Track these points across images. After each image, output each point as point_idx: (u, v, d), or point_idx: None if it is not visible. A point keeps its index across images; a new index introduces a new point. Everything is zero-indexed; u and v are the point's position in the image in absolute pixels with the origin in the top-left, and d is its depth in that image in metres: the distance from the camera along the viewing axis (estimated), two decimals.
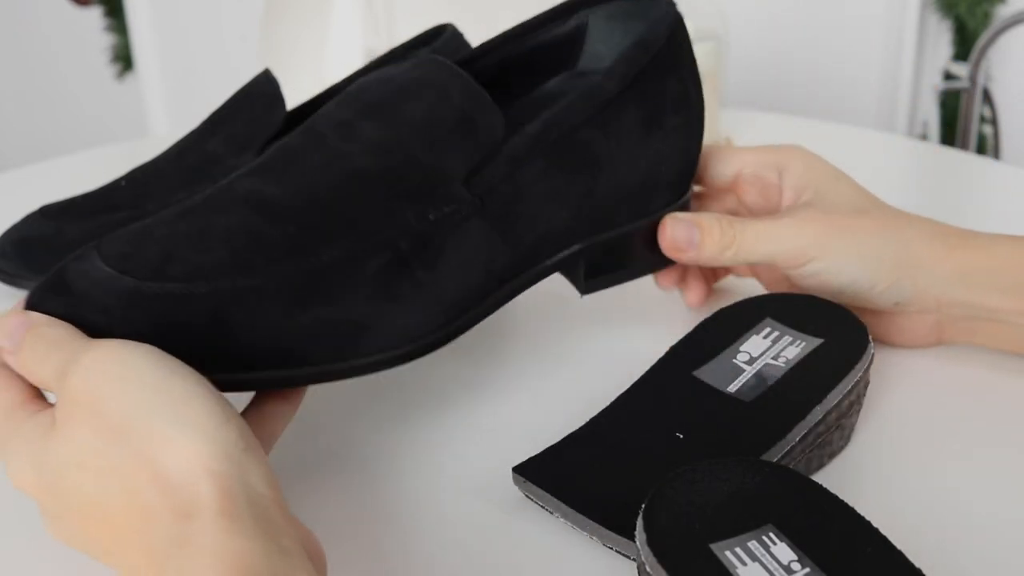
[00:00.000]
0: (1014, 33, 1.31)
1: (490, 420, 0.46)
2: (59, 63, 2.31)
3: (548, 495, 0.38)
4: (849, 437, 0.43)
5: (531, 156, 0.40)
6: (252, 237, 0.36)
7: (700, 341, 0.44)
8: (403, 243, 0.37)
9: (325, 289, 0.36)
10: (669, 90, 0.44)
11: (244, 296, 0.35)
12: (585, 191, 0.42)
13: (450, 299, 0.39)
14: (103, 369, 0.32)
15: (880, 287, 0.45)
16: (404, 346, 0.38)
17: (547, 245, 0.42)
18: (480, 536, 0.39)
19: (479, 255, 0.39)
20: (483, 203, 0.39)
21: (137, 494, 0.30)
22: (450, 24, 0.64)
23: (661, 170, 0.45)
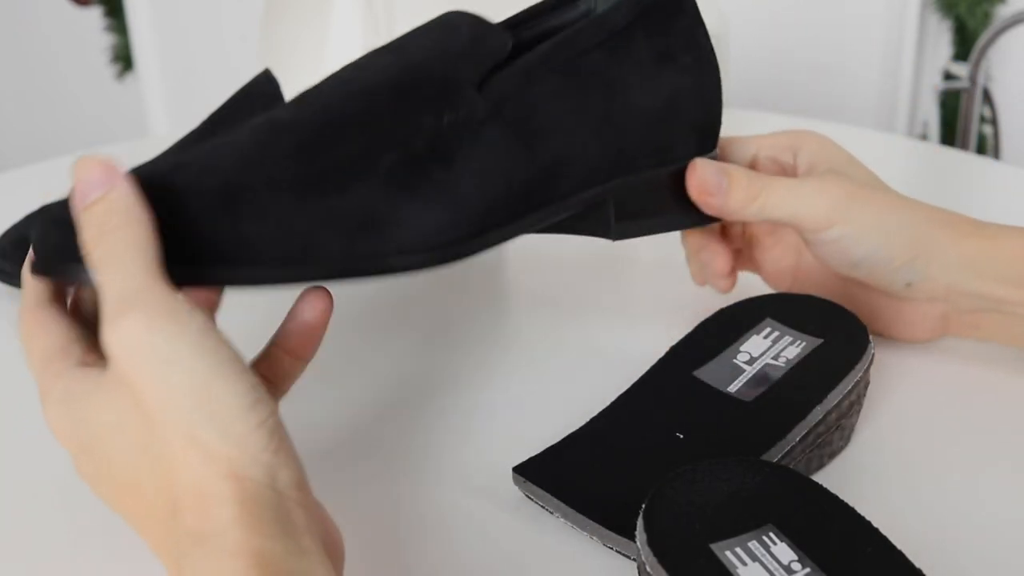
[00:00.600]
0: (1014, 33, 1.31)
1: (491, 420, 0.46)
2: (59, 63, 2.31)
3: (548, 495, 0.38)
4: (849, 437, 0.43)
5: (543, 72, 0.41)
6: (263, 144, 0.36)
7: (700, 341, 0.44)
8: (418, 142, 0.38)
9: (337, 180, 0.36)
10: (678, 30, 0.45)
11: (255, 185, 0.35)
12: (602, 113, 0.43)
13: (471, 203, 0.39)
14: (151, 344, 0.30)
15: (896, 263, 0.45)
16: (424, 248, 0.38)
17: (571, 169, 0.42)
18: (480, 536, 0.39)
19: (498, 161, 0.39)
20: (499, 112, 0.40)
21: (165, 484, 0.30)
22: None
23: (680, 108, 0.45)
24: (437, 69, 0.39)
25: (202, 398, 0.30)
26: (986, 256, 0.45)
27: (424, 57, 0.40)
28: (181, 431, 0.30)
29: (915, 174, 0.82)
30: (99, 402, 0.31)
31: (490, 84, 0.40)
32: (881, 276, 0.46)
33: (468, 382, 0.49)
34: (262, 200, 0.35)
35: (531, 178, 0.41)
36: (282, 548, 0.29)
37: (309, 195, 0.36)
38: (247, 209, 0.35)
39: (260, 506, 0.29)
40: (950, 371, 0.48)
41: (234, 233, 0.34)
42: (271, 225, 0.35)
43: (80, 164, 0.34)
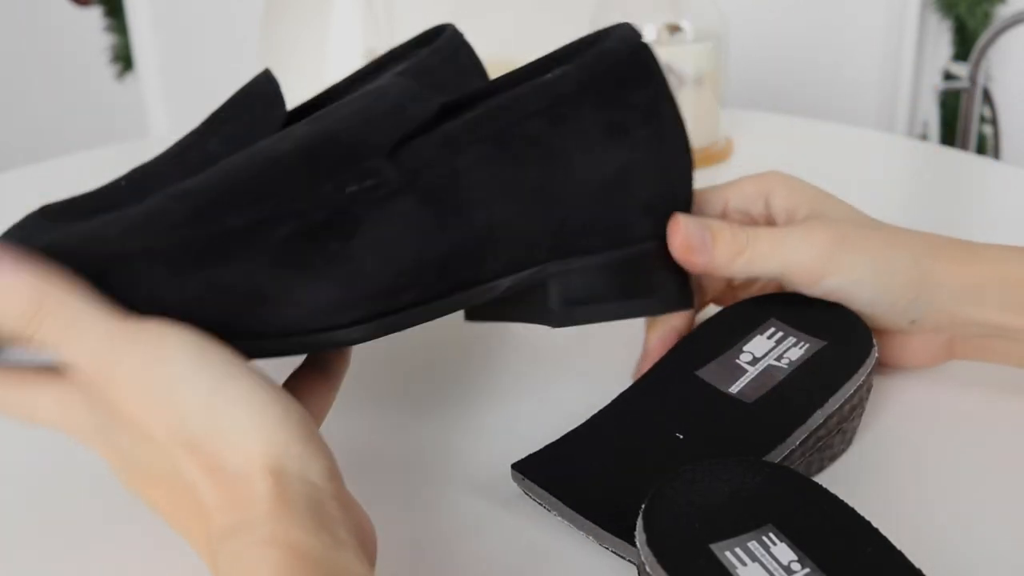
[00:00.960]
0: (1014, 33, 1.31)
1: (491, 418, 0.46)
2: (59, 63, 2.31)
3: (546, 493, 0.38)
4: (851, 440, 0.42)
5: (470, 140, 0.38)
6: (155, 211, 0.35)
7: (703, 340, 0.44)
8: (317, 214, 0.36)
9: (223, 250, 0.34)
10: (634, 103, 0.42)
11: (132, 255, 0.34)
12: (536, 185, 0.39)
13: (373, 278, 0.36)
14: (150, 382, 0.31)
15: (899, 305, 0.43)
16: (319, 323, 0.36)
17: (499, 247, 0.39)
18: (479, 533, 0.39)
19: (406, 236, 0.37)
20: (413, 181, 0.37)
21: (193, 491, 0.30)
22: (450, 24, 0.64)
23: (633, 185, 0.42)
24: (345, 136, 0.37)
25: (221, 405, 0.30)
26: (987, 284, 0.43)
27: (337, 125, 0.38)
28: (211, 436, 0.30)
29: (915, 174, 0.82)
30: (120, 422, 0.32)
31: (406, 151, 0.37)
32: (884, 319, 0.44)
33: (470, 380, 0.49)
34: (135, 271, 0.34)
35: (447, 254, 0.38)
36: (317, 541, 0.29)
37: (186, 267, 0.34)
38: (117, 280, 0.33)
39: (294, 499, 0.30)
40: (954, 375, 0.47)
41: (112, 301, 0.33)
42: (141, 298, 0.33)
43: None
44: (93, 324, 0.31)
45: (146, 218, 0.35)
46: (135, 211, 0.35)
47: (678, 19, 0.80)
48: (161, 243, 0.34)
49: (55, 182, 0.81)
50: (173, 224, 0.34)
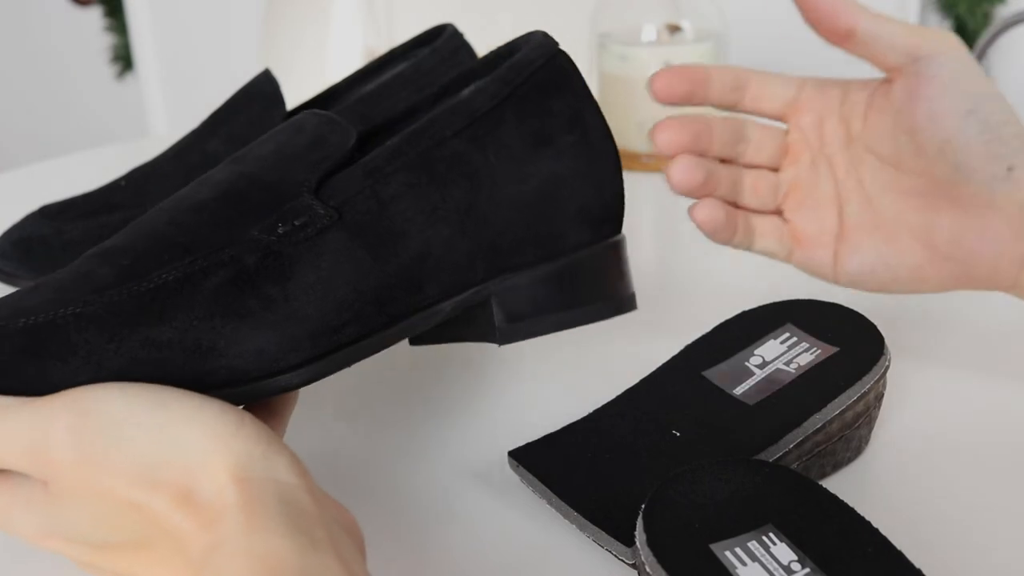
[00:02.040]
0: (1014, 33, 1.31)
1: (494, 410, 0.46)
2: (59, 63, 2.31)
3: (538, 482, 0.38)
4: (859, 449, 0.42)
5: (393, 168, 0.38)
6: (82, 276, 0.35)
7: (716, 342, 0.44)
8: (248, 259, 0.35)
9: (155, 309, 0.34)
10: (555, 110, 0.41)
11: (62, 323, 0.33)
12: (465, 206, 0.39)
13: (312, 320, 0.36)
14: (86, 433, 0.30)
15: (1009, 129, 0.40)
16: (266, 368, 0.35)
17: (435, 271, 0.39)
18: (473, 518, 0.39)
19: (341, 272, 0.36)
20: (340, 216, 0.37)
21: (166, 525, 0.30)
22: (450, 24, 0.64)
23: (560, 194, 0.41)
24: (268, 176, 0.37)
25: (164, 439, 0.30)
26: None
27: (259, 165, 0.37)
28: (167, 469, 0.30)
29: None
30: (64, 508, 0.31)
31: (330, 186, 0.37)
32: (988, 144, 0.40)
33: (470, 372, 0.49)
34: (68, 338, 0.33)
35: (384, 285, 0.37)
36: (293, 544, 0.28)
37: (121, 328, 0.33)
38: (52, 349, 0.33)
39: (266, 503, 0.29)
40: (969, 387, 0.47)
41: (41, 377, 0.33)
42: (78, 365, 0.33)
43: None
44: (12, 418, 0.31)
45: (72, 282, 0.34)
46: (58, 276, 0.35)
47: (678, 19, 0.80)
48: (89, 309, 0.34)
49: (55, 182, 0.81)
50: (97, 287, 0.34)
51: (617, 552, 0.36)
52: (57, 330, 0.33)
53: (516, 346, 0.52)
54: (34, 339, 0.33)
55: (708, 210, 0.45)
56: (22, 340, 0.33)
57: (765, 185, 0.46)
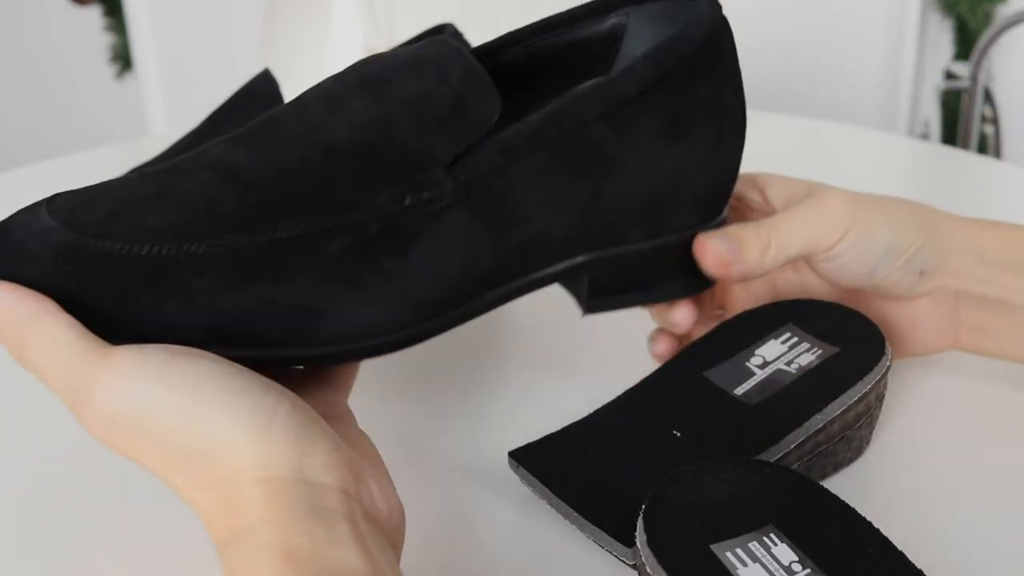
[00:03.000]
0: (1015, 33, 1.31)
1: (494, 410, 0.46)
2: (59, 63, 2.31)
3: (538, 483, 0.38)
4: (860, 449, 0.42)
5: (529, 149, 0.37)
6: (207, 202, 0.34)
7: (717, 342, 0.44)
8: (372, 227, 0.34)
9: (276, 265, 0.34)
10: (701, 96, 0.40)
11: (185, 262, 0.33)
12: (590, 195, 0.38)
13: (420, 295, 0.36)
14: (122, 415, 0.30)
15: (910, 251, 0.44)
16: (364, 340, 0.35)
17: (542, 251, 0.38)
18: (473, 517, 0.39)
19: (459, 251, 0.36)
20: (468, 193, 0.36)
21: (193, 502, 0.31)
22: (450, 24, 0.64)
23: (685, 184, 0.40)
24: (406, 137, 0.35)
25: (194, 430, 0.30)
26: (986, 240, 0.44)
27: (397, 117, 0.36)
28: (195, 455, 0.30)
29: (916, 174, 0.82)
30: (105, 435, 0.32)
31: (464, 161, 0.36)
32: (897, 272, 0.44)
33: (473, 369, 0.49)
34: (189, 281, 0.33)
35: (495, 263, 0.37)
36: (310, 541, 0.29)
37: (241, 281, 0.33)
38: (171, 289, 0.33)
39: (289, 501, 0.29)
40: (971, 389, 0.47)
41: (157, 312, 0.33)
42: (194, 308, 0.33)
43: None
44: (68, 355, 0.31)
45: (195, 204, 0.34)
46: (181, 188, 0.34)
47: None
48: (212, 252, 0.33)
49: (55, 182, 0.81)
50: (220, 220, 0.33)
51: (617, 552, 0.36)
52: (179, 270, 0.33)
53: (516, 346, 0.52)
54: (155, 275, 0.33)
55: (666, 346, 0.48)
56: (143, 273, 0.33)
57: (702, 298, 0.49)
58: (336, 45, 0.95)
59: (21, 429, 0.47)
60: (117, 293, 0.32)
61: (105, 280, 0.32)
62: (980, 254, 0.44)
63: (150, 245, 0.33)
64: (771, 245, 0.43)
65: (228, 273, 0.33)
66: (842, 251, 0.44)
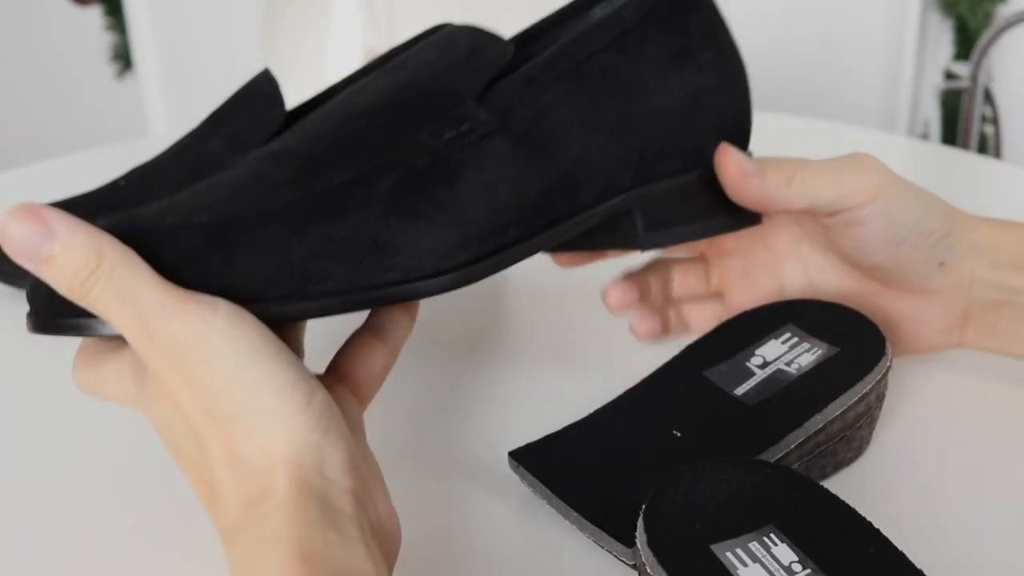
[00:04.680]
0: (1015, 32, 1.31)
1: (494, 410, 0.46)
2: (59, 62, 2.31)
3: (539, 483, 0.38)
4: (860, 449, 0.42)
5: (550, 78, 0.40)
6: (255, 177, 0.36)
7: (717, 342, 0.44)
8: (419, 162, 0.37)
9: (334, 207, 0.35)
10: (693, 26, 0.43)
11: (244, 219, 0.34)
12: (616, 116, 0.41)
13: (480, 221, 0.37)
14: (183, 350, 0.31)
15: (936, 236, 0.43)
16: (435, 271, 0.36)
17: (588, 178, 0.40)
18: (473, 518, 0.39)
19: (506, 174, 0.38)
20: (503, 122, 0.38)
21: (215, 475, 0.31)
22: (450, 23, 0.64)
23: (702, 107, 0.43)
24: (432, 84, 0.38)
25: (241, 388, 0.31)
26: (1001, 239, 0.44)
27: (419, 74, 0.39)
28: (230, 420, 0.31)
29: (916, 174, 0.82)
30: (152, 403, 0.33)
31: (492, 94, 0.39)
32: (921, 255, 0.44)
33: (473, 368, 0.49)
34: (253, 233, 0.34)
35: (545, 189, 0.39)
36: (322, 538, 0.29)
37: (303, 224, 0.35)
38: (239, 243, 0.34)
39: (306, 494, 0.30)
40: (972, 389, 0.47)
41: (228, 270, 0.34)
42: (264, 258, 0.34)
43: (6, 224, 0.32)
44: (144, 293, 0.31)
45: (246, 180, 0.35)
46: (229, 176, 0.36)
47: None
48: (272, 204, 0.35)
49: (55, 182, 0.80)
50: (277, 184, 0.35)
51: (617, 553, 0.36)
52: (241, 225, 0.34)
53: (516, 346, 0.52)
54: (219, 234, 0.34)
55: (647, 327, 0.49)
56: (206, 234, 0.34)
57: (693, 276, 0.50)
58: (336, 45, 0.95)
59: (22, 430, 0.47)
60: (183, 257, 0.33)
61: (168, 249, 0.33)
62: (996, 254, 0.44)
63: (207, 215, 0.34)
64: (795, 178, 0.43)
65: (290, 220, 0.35)
66: (870, 215, 0.43)
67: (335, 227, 0.35)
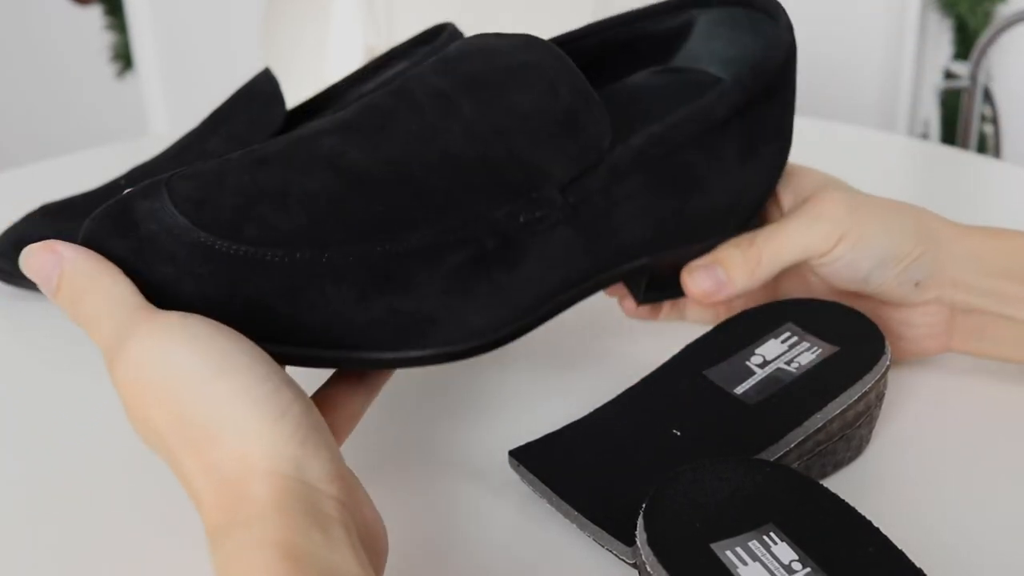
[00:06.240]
0: (1015, 32, 1.31)
1: (494, 410, 0.46)
2: (59, 62, 2.31)
3: (539, 482, 0.39)
4: (860, 448, 0.42)
5: (632, 170, 0.39)
6: (334, 206, 0.35)
7: (717, 341, 0.44)
8: (488, 241, 0.36)
9: (403, 277, 0.35)
10: (770, 117, 0.43)
11: (320, 272, 0.34)
12: (673, 211, 0.41)
13: (520, 303, 0.38)
14: (148, 367, 0.31)
15: (906, 261, 0.44)
16: (468, 342, 0.37)
17: (621, 257, 0.41)
18: (474, 517, 0.39)
19: (560, 264, 0.38)
20: (575, 212, 0.37)
21: (192, 484, 0.31)
22: (450, 23, 0.64)
23: (746, 197, 0.44)
24: (527, 152, 0.37)
25: (212, 401, 0.30)
26: (988, 249, 0.44)
27: (515, 124, 0.37)
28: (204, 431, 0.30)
29: (915, 173, 0.82)
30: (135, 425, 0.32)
31: (576, 185, 0.37)
32: (891, 281, 0.45)
33: (474, 371, 0.49)
34: (324, 290, 0.34)
35: (587, 272, 0.40)
36: (308, 541, 0.29)
37: (370, 291, 0.34)
38: (309, 298, 0.34)
39: (290, 500, 0.29)
40: (971, 388, 0.47)
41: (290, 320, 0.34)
42: (330, 315, 0.34)
43: (24, 261, 0.34)
44: (117, 309, 0.32)
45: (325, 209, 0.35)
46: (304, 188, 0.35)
47: None
48: (345, 259, 0.34)
49: (55, 182, 0.81)
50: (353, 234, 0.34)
51: (617, 552, 0.36)
52: (315, 280, 0.34)
53: (516, 346, 0.52)
54: (291, 282, 0.34)
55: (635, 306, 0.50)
56: (280, 281, 0.33)
57: None
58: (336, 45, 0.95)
59: (22, 430, 0.47)
60: (253, 298, 0.33)
61: (241, 285, 0.33)
62: (981, 263, 0.44)
63: (284, 250, 0.34)
64: (761, 263, 0.44)
65: (361, 282, 0.34)
66: (836, 257, 0.44)
67: (400, 299, 0.35)
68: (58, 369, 0.52)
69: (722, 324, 0.45)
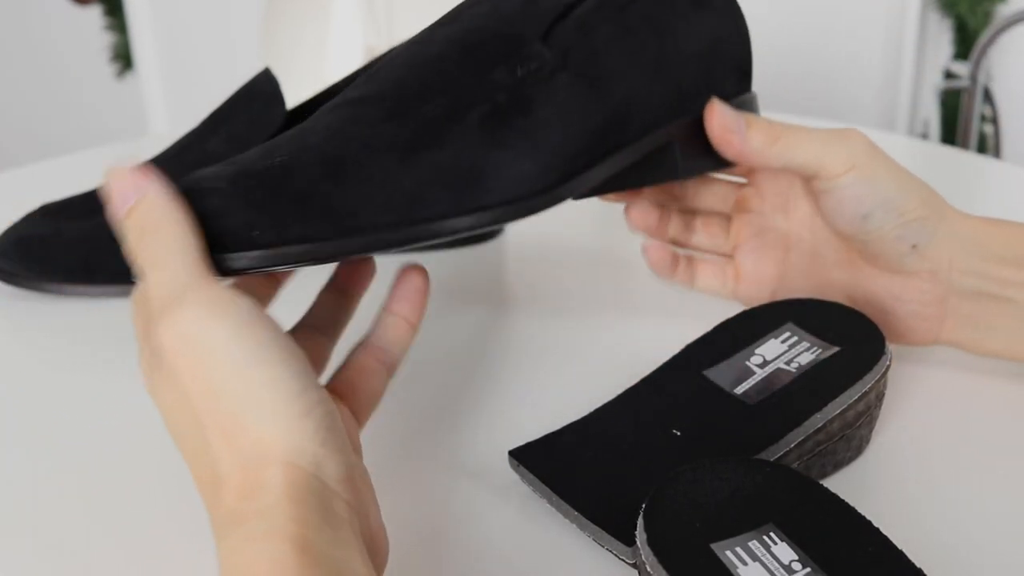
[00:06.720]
0: (1015, 32, 1.31)
1: (494, 410, 0.46)
2: (59, 62, 2.31)
3: (539, 482, 0.39)
4: (860, 448, 0.42)
5: (598, 21, 0.44)
6: (350, 120, 0.38)
7: (717, 341, 0.44)
8: (500, 96, 0.40)
9: (434, 135, 0.38)
10: None
11: (353, 153, 0.36)
12: (654, 57, 0.45)
13: (556, 148, 0.41)
14: (194, 337, 0.31)
15: (908, 216, 0.45)
16: (526, 189, 0.39)
17: (637, 111, 0.44)
18: (473, 517, 0.39)
19: (573, 106, 0.41)
20: (565, 60, 0.42)
21: (215, 457, 0.31)
22: None
23: (721, 49, 0.48)
24: (502, 28, 0.42)
25: (244, 386, 0.31)
26: (989, 235, 0.45)
27: (485, 22, 0.42)
28: (233, 413, 0.31)
29: (915, 173, 0.82)
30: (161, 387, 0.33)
31: (553, 36, 0.42)
32: (890, 233, 0.45)
33: (473, 368, 0.49)
34: (364, 164, 0.36)
35: (604, 119, 0.43)
36: (319, 536, 0.29)
37: (411, 152, 0.37)
38: (351, 174, 0.36)
39: (305, 494, 0.30)
40: (972, 388, 0.47)
41: (341, 201, 0.35)
42: (376, 187, 0.36)
43: (111, 175, 0.34)
44: (179, 257, 0.33)
45: (342, 124, 0.38)
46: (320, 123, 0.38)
47: None
48: (376, 139, 0.37)
49: (55, 182, 0.81)
50: (373, 122, 0.38)
51: (617, 552, 0.36)
52: (352, 159, 0.36)
53: (516, 346, 0.52)
54: (333, 168, 0.36)
55: (658, 255, 0.52)
56: (321, 169, 0.36)
57: (715, 226, 0.53)
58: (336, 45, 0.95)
59: (22, 429, 0.47)
60: (300, 191, 0.35)
61: (285, 183, 0.35)
62: (983, 247, 0.45)
63: (312, 152, 0.36)
64: (779, 141, 0.45)
65: (396, 149, 0.37)
66: (839, 186, 0.45)
67: (439, 154, 0.38)
68: (58, 369, 0.52)
69: (722, 324, 0.45)
